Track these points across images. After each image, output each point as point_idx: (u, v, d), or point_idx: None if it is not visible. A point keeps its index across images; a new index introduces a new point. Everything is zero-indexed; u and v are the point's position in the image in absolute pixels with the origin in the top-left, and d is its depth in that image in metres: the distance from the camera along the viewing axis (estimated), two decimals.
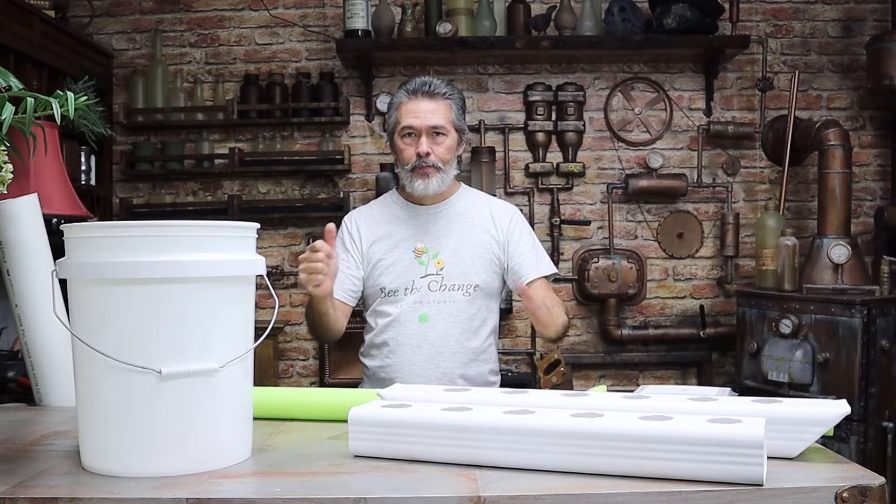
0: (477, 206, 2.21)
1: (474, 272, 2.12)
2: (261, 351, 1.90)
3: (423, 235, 2.15)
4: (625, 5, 3.66)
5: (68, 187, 2.11)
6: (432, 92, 2.10)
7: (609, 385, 3.81)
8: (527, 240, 2.18)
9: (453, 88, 2.16)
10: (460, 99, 2.17)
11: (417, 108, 2.09)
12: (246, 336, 1.28)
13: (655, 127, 3.88)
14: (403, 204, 2.20)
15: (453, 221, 2.17)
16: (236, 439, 1.26)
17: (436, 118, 2.08)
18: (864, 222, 3.85)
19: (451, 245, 2.14)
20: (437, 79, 2.15)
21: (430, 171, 2.09)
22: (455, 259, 2.12)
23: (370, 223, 2.19)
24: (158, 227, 1.21)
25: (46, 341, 1.74)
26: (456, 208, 2.19)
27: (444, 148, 2.10)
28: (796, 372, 3.04)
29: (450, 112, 2.11)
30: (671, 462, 1.08)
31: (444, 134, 2.10)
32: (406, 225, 2.17)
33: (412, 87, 2.11)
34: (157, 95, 3.78)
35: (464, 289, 2.12)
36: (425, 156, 2.07)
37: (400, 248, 2.14)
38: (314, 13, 3.89)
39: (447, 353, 2.10)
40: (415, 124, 2.08)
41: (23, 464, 1.24)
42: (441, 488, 1.10)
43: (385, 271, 2.13)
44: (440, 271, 2.12)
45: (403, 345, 2.11)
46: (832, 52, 3.86)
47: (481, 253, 2.14)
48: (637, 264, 3.80)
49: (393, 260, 2.14)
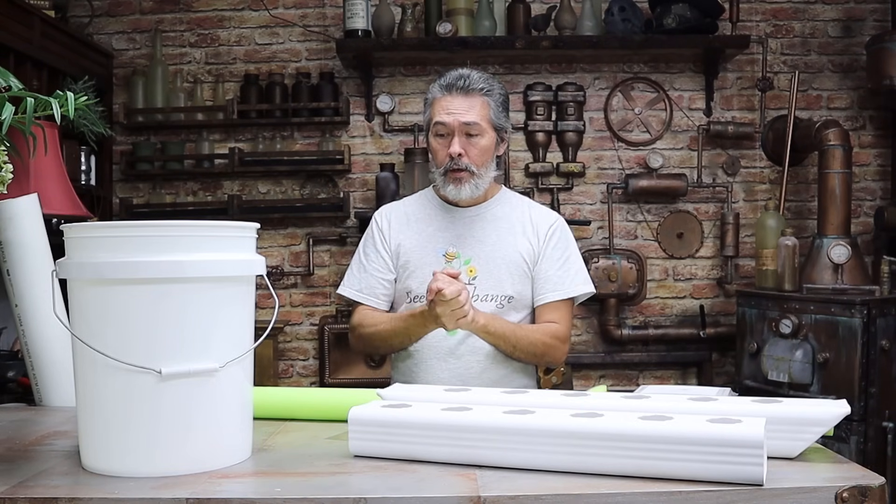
0: (517, 211, 2.04)
1: (509, 283, 1.97)
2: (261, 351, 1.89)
3: (456, 239, 2.00)
4: (625, 5, 3.66)
5: (68, 187, 2.11)
6: (468, 87, 1.93)
7: (609, 385, 3.82)
8: (559, 255, 2.01)
9: (492, 83, 1.98)
10: (500, 94, 1.99)
11: (451, 105, 1.93)
12: (246, 336, 1.28)
13: (655, 127, 3.88)
14: (438, 203, 2.05)
15: (489, 226, 2.01)
16: (236, 439, 1.26)
17: (470, 115, 1.92)
18: (864, 222, 3.85)
19: (486, 252, 1.98)
20: (475, 72, 1.98)
21: (462, 176, 1.94)
22: (489, 267, 1.97)
23: (401, 220, 2.06)
24: (158, 227, 1.21)
25: (46, 341, 1.74)
26: (494, 213, 2.03)
27: (479, 149, 1.94)
28: (796, 372, 3.04)
29: (487, 109, 1.94)
30: (671, 462, 1.08)
31: (480, 134, 1.94)
32: (438, 226, 2.02)
33: (447, 82, 1.96)
34: (157, 95, 3.79)
35: (497, 300, 1.96)
36: (457, 157, 1.92)
37: (429, 251, 2.00)
38: (314, 13, 3.89)
39: (476, 368, 1.94)
40: (447, 122, 1.92)
41: (23, 464, 1.24)
42: (441, 488, 1.10)
43: (412, 274, 2.00)
44: (472, 280, 1.96)
45: (429, 358, 1.96)
46: (832, 52, 3.86)
47: (518, 262, 1.98)
48: (637, 264, 3.80)
49: (422, 262, 1.99)
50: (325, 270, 3.88)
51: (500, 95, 1.99)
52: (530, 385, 2.05)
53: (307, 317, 3.89)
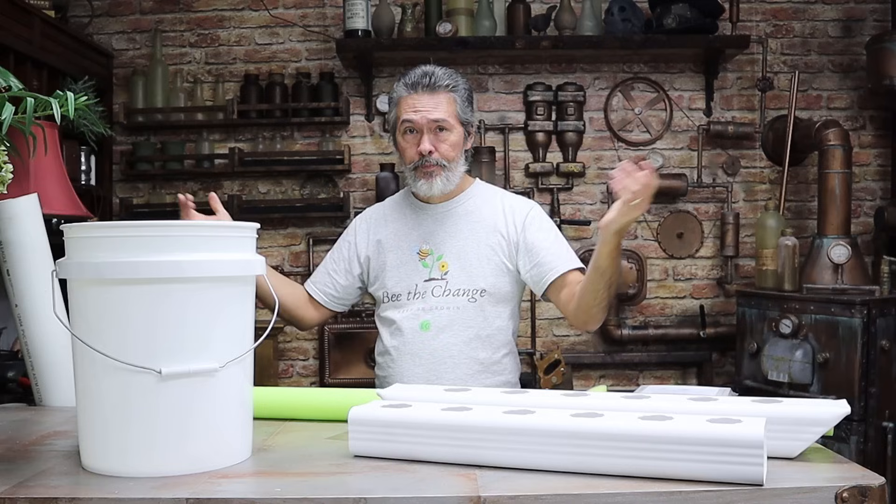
0: (489, 203, 2.05)
1: (481, 276, 1.98)
2: (261, 351, 1.89)
3: (429, 236, 2.02)
4: (625, 5, 3.66)
5: (68, 187, 2.10)
6: (433, 84, 1.94)
7: (609, 385, 3.82)
8: (546, 235, 2.00)
9: (457, 78, 1.99)
10: (465, 89, 2.00)
11: (418, 103, 1.94)
12: (246, 336, 1.28)
13: (655, 127, 3.88)
14: (412, 202, 2.08)
15: (461, 221, 2.03)
16: (236, 439, 1.26)
17: (438, 112, 1.93)
18: (864, 222, 3.85)
19: (458, 247, 2.00)
20: (438, 68, 1.98)
21: (433, 171, 1.95)
22: (460, 262, 1.99)
23: (380, 220, 2.09)
24: (158, 227, 1.21)
25: (46, 341, 1.74)
26: (465, 207, 2.04)
27: (449, 144, 1.96)
28: (796, 372, 3.04)
29: (454, 105, 1.96)
30: (671, 462, 1.08)
31: (448, 129, 1.95)
32: (413, 225, 2.05)
33: (411, 81, 1.96)
34: (157, 95, 3.78)
35: (469, 294, 1.97)
36: (428, 154, 1.94)
37: (404, 250, 2.03)
38: (314, 13, 3.89)
39: (449, 363, 1.96)
40: (415, 119, 1.94)
41: (23, 464, 1.24)
42: (441, 488, 1.10)
43: (389, 273, 2.03)
44: (444, 275, 1.98)
45: (404, 354, 1.99)
46: (832, 52, 3.86)
47: (489, 255, 1.99)
48: (637, 264, 3.80)
49: (397, 262, 2.03)
50: None
51: (465, 90, 2.00)
52: (513, 380, 2.06)
53: None
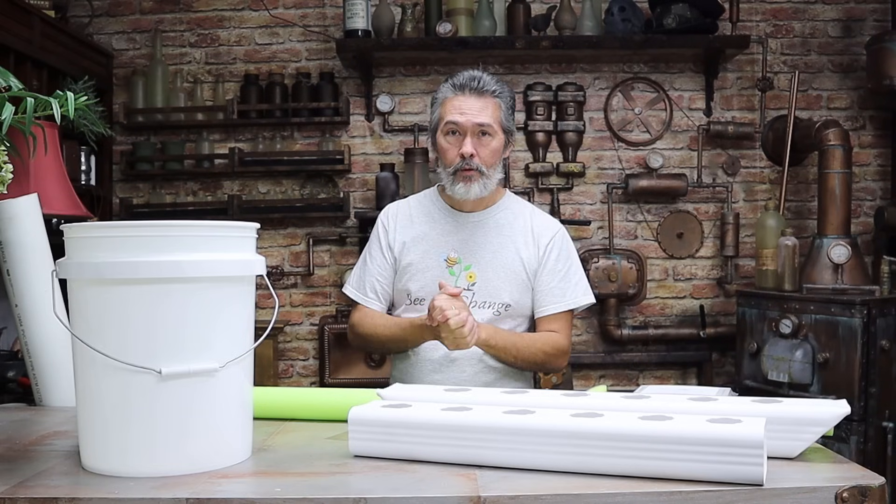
0: (519, 219, 2.04)
1: (506, 291, 1.97)
2: (261, 351, 1.89)
3: (459, 245, 2.00)
4: (625, 5, 3.66)
5: (68, 187, 2.11)
6: (481, 88, 1.93)
7: (609, 385, 3.82)
8: (560, 266, 2.01)
9: (503, 86, 1.99)
10: (510, 97, 2.00)
11: (464, 105, 1.93)
12: (246, 336, 1.28)
13: (655, 127, 3.88)
14: (442, 206, 2.05)
15: (491, 233, 2.01)
16: (236, 439, 1.26)
17: (483, 116, 1.92)
18: (864, 222, 3.85)
19: (486, 259, 1.99)
20: (487, 74, 1.98)
21: (473, 175, 1.93)
22: (488, 274, 1.98)
23: (405, 220, 2.06)
24: (158, 227, 1.21)
25: (46, 341, 1.74)
26: (497, 219, 2.03)
27: (490, 150, 1.94)
28: (796, 372, 3.04)
29: (498, 111, 1.95)
30: (671, 462, 1.08)
31: (491, 135, 1.94)
32: (441, 231, 2.02)
33: (459, 82, 1.95)
34: (157, 95, 3.79)
35: (494, 307, 1.97)
36: (469, 157, 1.92)
37: (432, 254, 2.00)
38: (314, 13, 3.89)
39: (469, 372, 1.96)
40: (460, 122, 1.92)
41: (23, 464, 1.24)
42: (441, 488, 1.10)
43: (413, 276, 2.00)
44: (471, 286, 1.97)
45: (424, 360, 1.98)
46: (832, 52, 3.86)
47: (517, 271, 1.99)
48: (637, 264, 3.80)
49: (423, 265, 2.00)
50: (325, 270, 3.88)
51: (510, 99, 2.01)
52: (527, 386, 2.05)
53: (307, 317, 3.89)
